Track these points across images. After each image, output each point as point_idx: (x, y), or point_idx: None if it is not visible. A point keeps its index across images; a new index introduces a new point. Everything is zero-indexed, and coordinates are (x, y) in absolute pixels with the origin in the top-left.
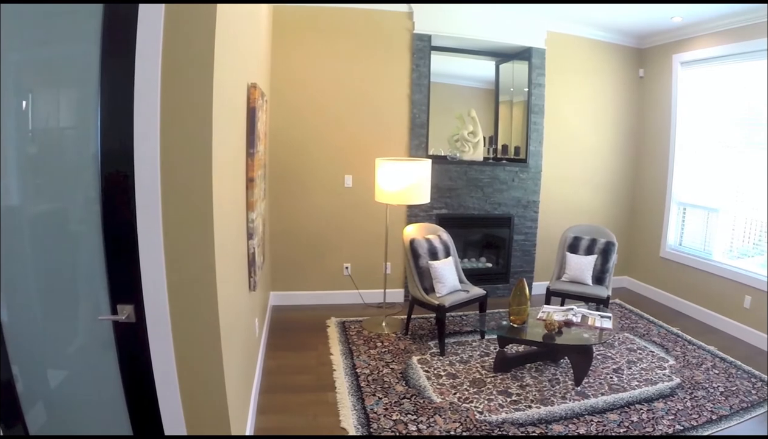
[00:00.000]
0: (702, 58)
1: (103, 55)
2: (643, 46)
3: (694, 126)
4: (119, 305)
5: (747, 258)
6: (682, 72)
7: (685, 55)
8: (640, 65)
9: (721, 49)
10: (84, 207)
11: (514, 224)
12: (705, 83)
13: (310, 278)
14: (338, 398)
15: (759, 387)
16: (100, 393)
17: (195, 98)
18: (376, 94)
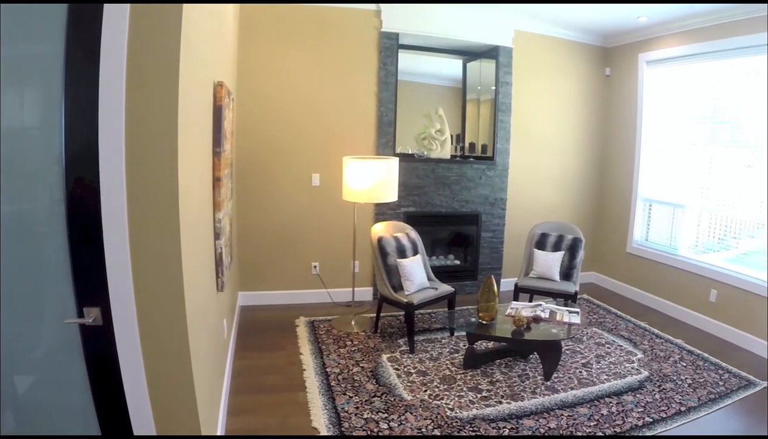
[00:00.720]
0: (667, 58)
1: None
2: (609, 45)
3: (660, 124)
4: (86, 308)
5: (712, 253)
6: (647, 71)
7: (650, 54)
8: (606, 64)
9: (686, 49)
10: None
11: (481, 221)
12: (670, 82)
13: (279, 277)
14: (309, 398)
15: (726, 379)
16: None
17: (160, 97)
18: (343, 93)
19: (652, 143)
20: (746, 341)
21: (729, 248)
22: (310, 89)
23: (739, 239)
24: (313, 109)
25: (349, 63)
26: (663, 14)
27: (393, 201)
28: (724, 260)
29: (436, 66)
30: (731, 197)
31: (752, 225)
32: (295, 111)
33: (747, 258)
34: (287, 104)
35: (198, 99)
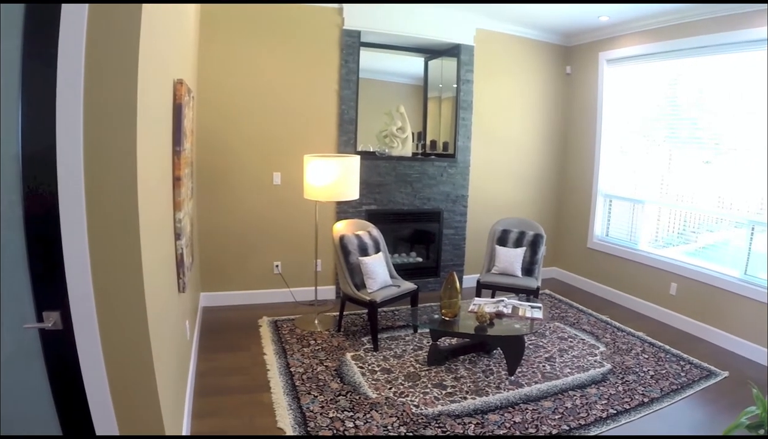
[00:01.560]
0: (627, 57)
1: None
2: (570, 44)
3: (620, 121)
4: (45, 312)
5: (672, 247)
6: (608, 69)
7: (611, 53)
8: (567, 62)
9: (646, 48)
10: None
11: (443, 218)
12: (630, 80)
13: (241, 277)
14: (273, 398)
15: (688, 369)
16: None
17: (119, 97)
18: (304, 91)
19: (612, 140)
20: (706, 332)
21: (688, 242)
22: (271, 87)
23: (698, 233)
24: (274, 107)
25: (311, 61)
26: (624, 14)
27: (355, 199)
28: (684, 253)
29: (397, 64)
30: (690, 193)
31: (711, 219)
32: (255, 109)
33: (706, 252)
34: (247, 102)
35: (157, 97)
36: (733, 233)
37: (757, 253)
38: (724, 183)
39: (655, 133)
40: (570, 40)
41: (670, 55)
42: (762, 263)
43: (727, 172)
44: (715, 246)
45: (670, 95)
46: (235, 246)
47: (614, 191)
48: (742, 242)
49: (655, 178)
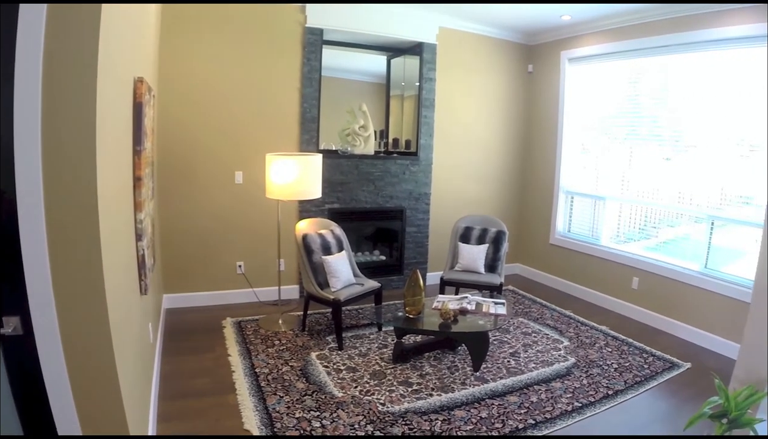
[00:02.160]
0: (589, 55)
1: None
2: (532, 43)
3: (582, 119)
4: (5, 318)
5: (633, 242)
6: (569, 68)
7: (572, 51)
8: (529, 61)
9: (607, 47)
10: None
11: (406, 216)
12: (591, 79)
13: (203, 278)
14: (239, 400)
15: (651, 362)
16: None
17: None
18: (266, 89)
19: (573, 138)
20: (668, 325)
21: (649, 237)
22: (232, 85)
23: (658, 228)
24: (236, 105)
25: (273, 59)
26: (586, 13)
27: (317, 198)
28: (645, 248)
29: (360, 62)
30: (651, 189)
31: (671, 215)
32: (217, 107)
33: (667, 246)
34: (209, 101)
35: (117, 96)
36: (693, 228)
37: (717, 247)
38: (684, 179)
39: (616, 131)
40: (532, 39)
41: (631, 55)
42: (721, 257)
43: (686, 168)
44: (676, 241)
45: (630, 94)
46: (198, 247)
47: (576, 188)
48: (702, 237)
49: (617, 175)
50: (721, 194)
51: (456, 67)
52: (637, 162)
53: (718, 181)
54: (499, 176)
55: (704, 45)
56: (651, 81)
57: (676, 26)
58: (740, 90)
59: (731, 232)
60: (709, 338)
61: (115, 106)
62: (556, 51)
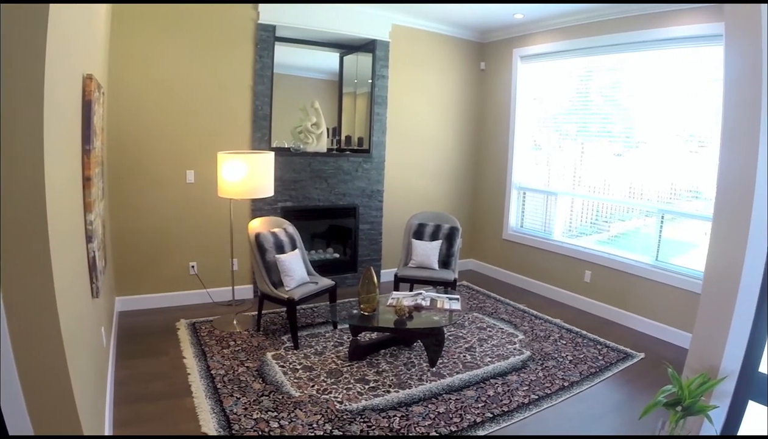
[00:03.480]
0: (540, 53)
1: None
2: (485, 41)
3: (533, 116)
4: None
5: (585, 236)
6: (521, 65)
7: (524, 49)
8: (481, 58)
9: (559, 45)
10: None
11: (359, 213)
12: (543, 76)
13: (156, 279)
14: (196, 403)
15: (605, 353)
16: None
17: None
18: (218, 86)
19: (525, 134)
20: (621, 316)
21: (601, 231)
22: (184, 83)
23: (610, 222)
24: (188, 103)
25: (225, 56)
26: (538, 12)
27: (270, 196)
28: (597, 242)
29: (312, 59)
30: (602, 184)
31: (622, 209)
32: (168, 105)
33: (618, 240)
34: (160, 98)
35: (65, 93)
36: (643, 222)
37: (667, 240)
38: (635, 174)
39: (568, 128)
40: (485, 36)
41: (583, 53)
42: (672, 249)
43: (637, 164)
44: (627, 234)
45: (582, 91)
46: (150, 247)
47: (528, 184)
48: (653, 230)
49: (568, 171)
50: (671, 189)
51: (409, 64)
52: (588, 158)
53: (669, 176)
54: (452, 173)
55: (655, 44)
56: (602, 79)
57: (627, 25)
58: (690, 88)
59: (681, 225)
60: (661, 328)
61: (64, 103)
62: (508, 49)
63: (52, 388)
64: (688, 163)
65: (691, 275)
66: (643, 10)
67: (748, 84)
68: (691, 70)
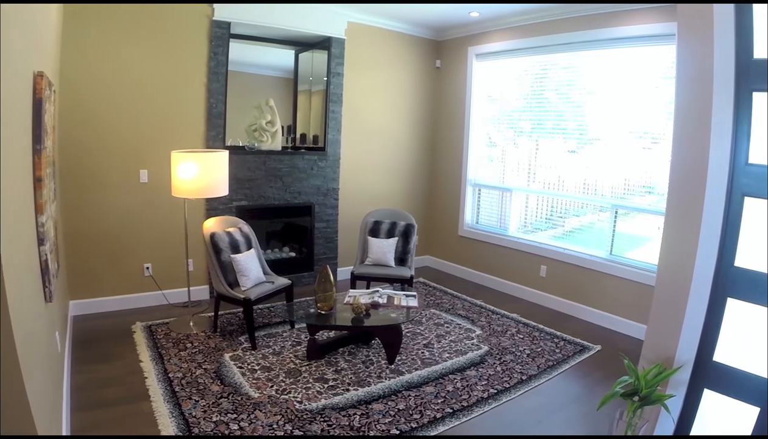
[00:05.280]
0: (496, 51)
1: None
2: (440, 39)
3: (488, 113)
4: None
5: (540, 232)
6: (476, 63)
7: (480, 48)
8: (437, 56)
9: (514, 43)
10: None
11: (315, 212)
12: (498, 74)
13: (111, 282)
14: (154, 407)
15: (562, 346)
16: None
17: None
18: (172, 84)
19: (480, 131)
20: (577, 310)
21: (556, 226)
22: (137, 81)
23: (565, 217)
24: (141, 101)
25: (179, 53)
26: (494, 10)
27: (224, 195)
28: (552, 237)
29: (268, 56)
30: (556, 180)
31: (577, 205)
32: (121, 103)
33: (573, 235)
34: (113, 96)
35: (14, 91)
36: (597, 217)
37: (621, 234)
38: (589, 170)
39: (523, 125)
40: (440, 34)
41: (537, 51)
42: (626, 243)
43: (591, 160)
44: (582, 229)
45: (536, 89)
46: (103, 249)
47: (483, 180)
48: (607, 225)
49: (523, 167)
50: (625, 184)
51: (364, 62)
52: (543, 154)
53: (622, 172)
54: (408, 170)
55: (609, 43)
56: (557, 77)
57: (581, 24)
58: (643, 86)
59: (635, 219)
60: (617, 320)
61: (13, 101)
62: (463, 47)
63: (5, 396)
64: (642, 159)
65: (644, 268)
66: (597, 9)
67: (699, 82)
68: (644, 68)
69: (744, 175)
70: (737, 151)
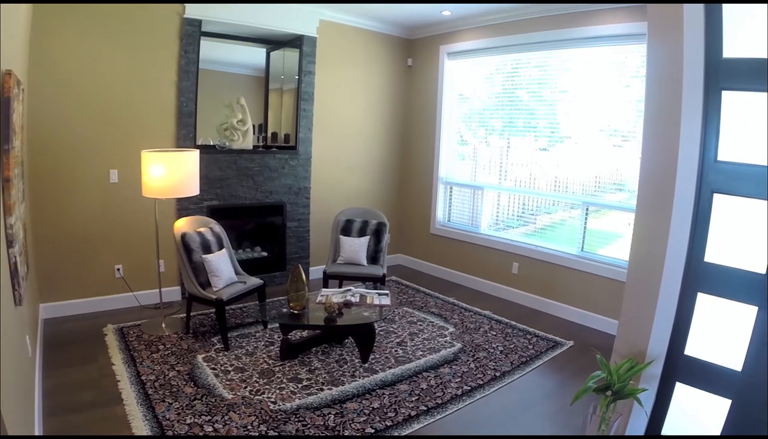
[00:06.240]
0: (467, 50)
1: None
2: (412, 37)
3: (460, 111)
4: None
5: (512, 229)
6: (448, 62)
7: (451, 46)
8: (408, 55)
9: (485, 42)
10: None
11: (286, 211)
12: (470, 72)
13: (81, 284)
14: (128, 410)
15: (535, 342)
16: None
17: None
18: (142, 82)
19: (452, 130)
20: (549, 306)
21: (527, 223)
22: (107, 79)
23: (536, 215)
24: (110, 100)
25: (150, 51)
26: (465, 9)
27: (195, 195)
28: (524, 235)
29: (239, 54)
30: (528, 178)
31: (548, 202)
32: (91, 102)
33: (544, 232)
34: (83, 95)
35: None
36: (569, 214)
37: (592, 231)
38: (560, 168)
39: (494, 123)
40: (412, 33)
41: (509, 50)
42: (597, 240)
43: (562, 158)
44: (553, 226)
45: (508, 87)
46: (73, 251)
47: (455, 178)
48: (578, 222)
49: (495, 165)
50: (595, 182)
51: (336, 60)
52: (514, 153)
53: (593, 169)
54: (380, 169)
55: (580, 42)
56: (528, 75)
57: (553, 23)
58: (614, 84)
59: (606, 216)
60: (588, 316)
61: None
62: (435, 45)
63: None
64: (612, 157)
65: (615, 264)
66: (568, 9)
67: (669, 80)
68: (614, 67)
69: (713, 172)
70: (706, 149)
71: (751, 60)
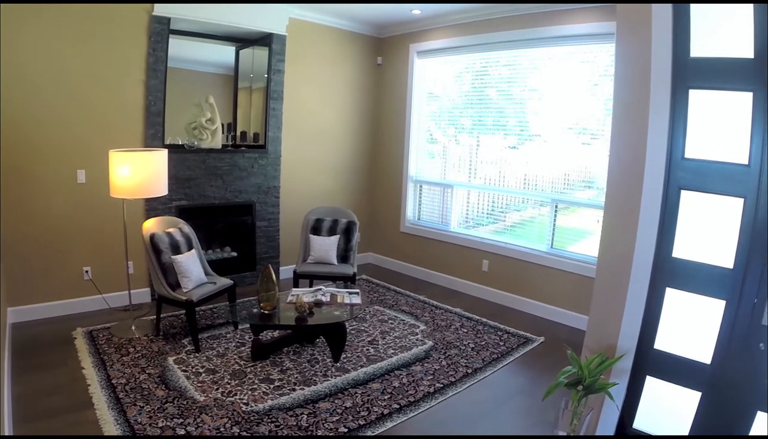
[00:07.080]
0: (437, 49)
1: None
2: (382, 36)
3: (429, 110)
4: None
5: (482, 227)
6: (418, 61)
7: (421, 45)
8: (378, 53)
9: (455, 41)
10: None
11: (256, 210)
12: (439, 71)
13: (49, 287)
14: (99, 415)
15: (506, 339)
16: None
17: None
18: (109, 81)
19: (421, 128)
20: (519, 303)
21: (497, 221)
22: (72, 77)
23: (506, 212)
24: (77, 99)
25: (117, 49)
26: (435, 8)
27: (164, 195)
28: (493, 232)
29: (208, 53)
30: (497, 176)
31: (517, 200)
32: (57, 101)
33: (514, 229)
34: (47, 94)
35: None
36: (538, 211)
37: (561, 228)
38: (529, 166)
39: (464, 121)
40: (382, 31)
41: (478, 49)
42: (566, 237)
43: (531, 156)
44: (522, 224)
45: (477, 86)
46: (40, 253)
47: (424, 176)
48: (547, 219)
49: (464, 163)
50: (564, 179)
51: (306, 58)
52: (483, 151)
53: (562, 167)
54: (349, 167)
55: (549, 41)
56: (498, 74)
57: (522, 23)
58: (583, 83)
59: (574, 213)
60: (559, 312)
61: None
62: (405, 44)
63: None
64: (581, 155)
65: (584, 260)
66: (538, 9)
67: (637, 79)
68: (583, 66)
69: (680, 169)
70: (674, 146)
71: (718, 59)
